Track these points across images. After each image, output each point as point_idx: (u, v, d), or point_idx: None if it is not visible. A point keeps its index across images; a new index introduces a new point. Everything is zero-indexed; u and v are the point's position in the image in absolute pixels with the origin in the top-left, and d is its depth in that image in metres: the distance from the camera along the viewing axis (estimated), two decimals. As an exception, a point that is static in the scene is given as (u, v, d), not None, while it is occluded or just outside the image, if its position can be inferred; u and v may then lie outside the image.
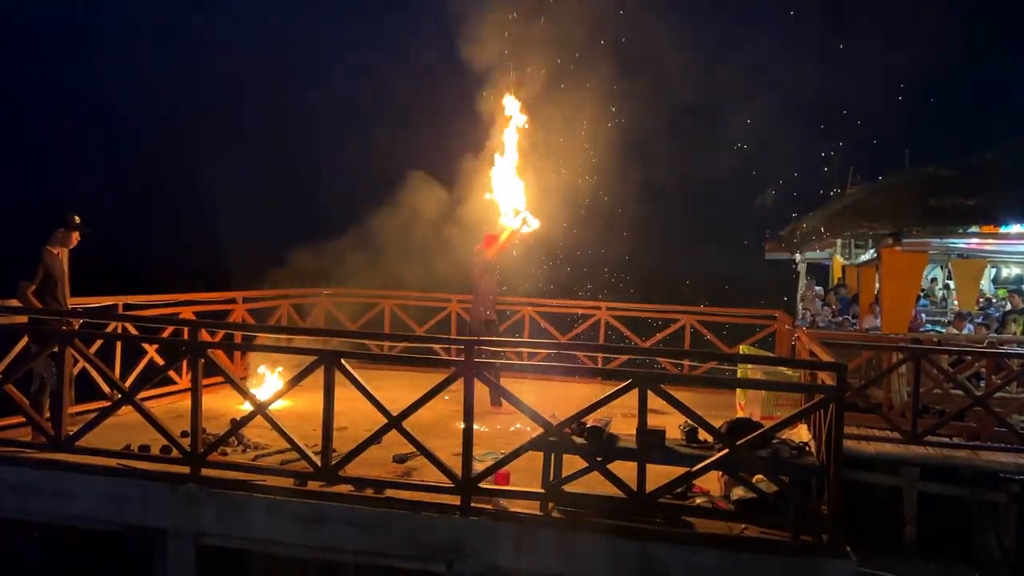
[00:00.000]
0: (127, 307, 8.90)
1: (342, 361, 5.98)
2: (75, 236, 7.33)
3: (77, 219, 7.32)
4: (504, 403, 8.58)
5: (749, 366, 8.37)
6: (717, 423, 5.74)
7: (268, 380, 9.23)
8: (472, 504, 5.68)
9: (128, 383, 7.90)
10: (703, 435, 5.78)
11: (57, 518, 6.36)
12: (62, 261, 7.25)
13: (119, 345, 8.57)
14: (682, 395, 5.55)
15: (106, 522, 6.25)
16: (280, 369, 9.10)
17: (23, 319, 7.22)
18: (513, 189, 9.36)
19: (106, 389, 8.05)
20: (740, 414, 7.99)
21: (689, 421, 5.70)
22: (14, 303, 7.07)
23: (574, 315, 12.69)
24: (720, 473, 6.03)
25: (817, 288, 16.95)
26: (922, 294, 15.10)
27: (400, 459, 6.69)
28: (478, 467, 5.83)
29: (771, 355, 10.26)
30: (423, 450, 5.89)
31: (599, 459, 5.60)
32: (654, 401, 5.48)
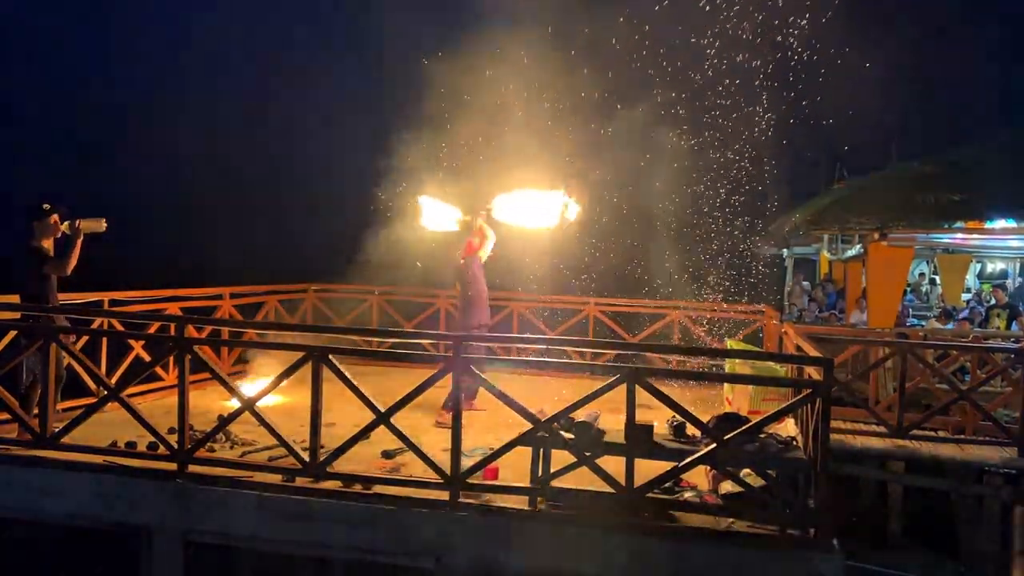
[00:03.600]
0: (113, 303, 8.85)
1: (329, 357, 5.97)
2: (53, 220, 7.11)
3: (47, 206, 7.10)
4: (476, 399, 8.64)
5: (737, 361, 8.40)
6: (705, 418, 5.76)
7: (256, 377, 9.19)
8: (461, 500, 5.68)
9: (114, 379, 7.86)
10: (691, 430, 5.80)
11: (43, 515, 6.32)
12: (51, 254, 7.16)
13: (105, 341, 8.51)
14: (670, 390, 5.56)
15: (93, 519, 6.21)
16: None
17: (13, 315, 7.16)
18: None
19: (92, 386, 8.00)
20: (728, 409, 8.01)
21: (677, 416, 5.72)
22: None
23: (564, 310, 12.68)
24: (708, 468, 6.05)
25: (804, 283, 17.04)
26: (908, 289, 15.20)
27: (388, 455, 6.68)
28: (467, 463, 5.83)
29: (759, 350, 10.30)
30: (411, 446, 5.88)
31: (587, 454, 5.61)
32: (642, 396, 5.49)
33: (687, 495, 5.86)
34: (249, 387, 8.15)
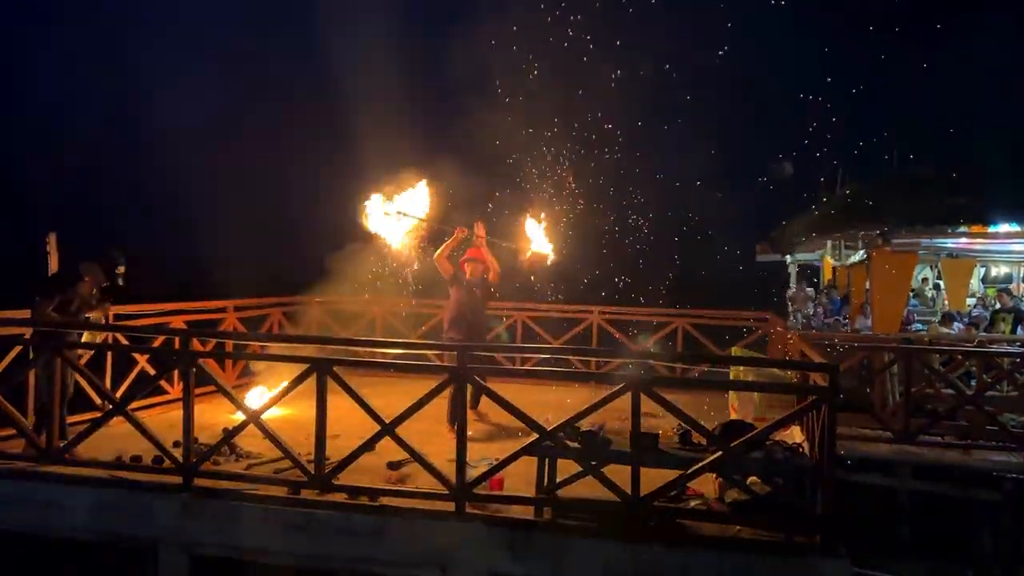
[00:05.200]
0: (117, 316, 8.86)
1: (334, 369, 5.97)
2: (106, 279, 7.23)
3: (121, 269, 7.25)
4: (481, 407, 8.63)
5: (741, 368, 8.39)
6: (710, 425, 5.75)
7: (261, 389, 9.19)
8: (467, 510, 5.68)
9: (119, 393, 7.88)
10: (697, 437, 5.79)
11: (48, 531, 6.32)
12: (89, 288, 7.14)
13: (110, 355, 8.52)
14: (675, 398, 5.55)
15: (98, 534, 6.21)
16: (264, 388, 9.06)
17: (22, 330, 7.19)
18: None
19: (97, 400, 8.00)
20: (733, 416, 8.00)
21: (682, 424, 5.71)
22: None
23: (568, 319, 12.68)
24: (714, 475, 6.03)
25: (808, 289, 17.01)
26: (912, 294, 15.16)
27: (394, 466, 6.67)
28: (472, 473, 5.83)
29: (763, 357, 10.28)
30: (417, 457, 5.88)
31: (593, 463, 5.60)
32: (647, 404, 5.49)
33: (694, 503, 5.84)
34: (254, 399, 8.16)
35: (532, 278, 9.59)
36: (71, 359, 6.75)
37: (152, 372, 8.71)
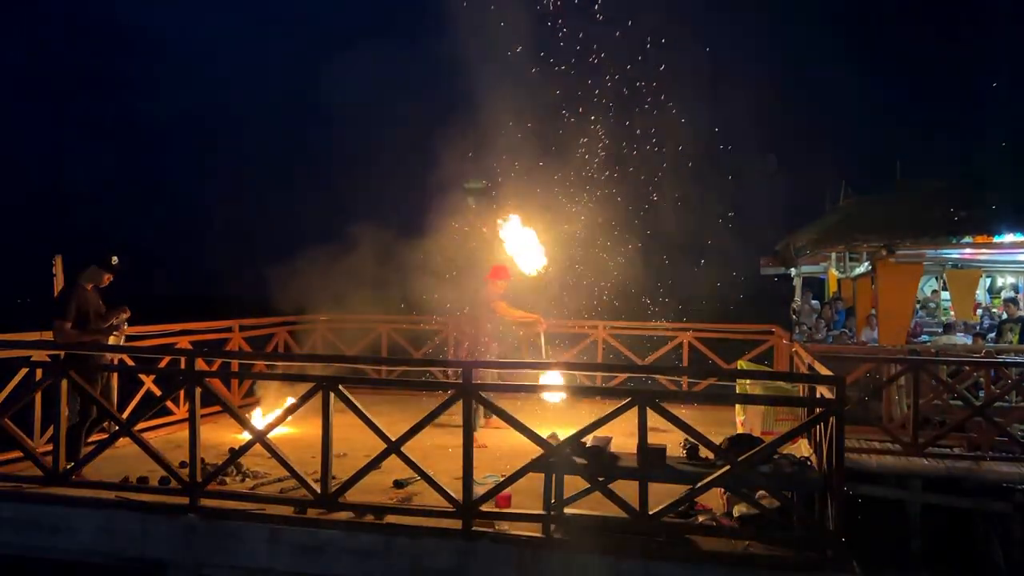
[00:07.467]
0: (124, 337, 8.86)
1: (340, 387, 5.96)
2: (107, 277, 7.21)
3: (115, 260, 7.18)
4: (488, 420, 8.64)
5: (748, 381, 8.36)
6: (717, 439, 5.73)
7: (268, 408, 9.20)
8: (473, 528, 5.65)
9: (126, 414, 7.86)
10: (704, 452, 5.76)
11: (56, 553, 6.31)
12: (94, 296, 7.17)
13: (116, 376, 8.52)
14: (682, 412, 5.53)
15: (105, 555, 6.20)
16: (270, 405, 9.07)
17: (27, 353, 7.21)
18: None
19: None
20: (740, 430, 7.97)
21: (689, 438, 5.69)
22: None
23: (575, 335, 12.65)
24: (722, 490, 6.00)
25: (814, 302, 16.95)
26: (918, 306, 15.11)
27: (400, 484, 6.66)
28: (479, 490, 5.80)
29: (770, 370, 10.24)
30: (423, 474, 5.86)
31: (600, 479, 5.57)
32: (654, 419, 5.47)
33: (702, 518, 5.81)
34: (259, 418, 8.16)
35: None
36: (80, 381, 6.75)
37: (158, 393, 8.71)
